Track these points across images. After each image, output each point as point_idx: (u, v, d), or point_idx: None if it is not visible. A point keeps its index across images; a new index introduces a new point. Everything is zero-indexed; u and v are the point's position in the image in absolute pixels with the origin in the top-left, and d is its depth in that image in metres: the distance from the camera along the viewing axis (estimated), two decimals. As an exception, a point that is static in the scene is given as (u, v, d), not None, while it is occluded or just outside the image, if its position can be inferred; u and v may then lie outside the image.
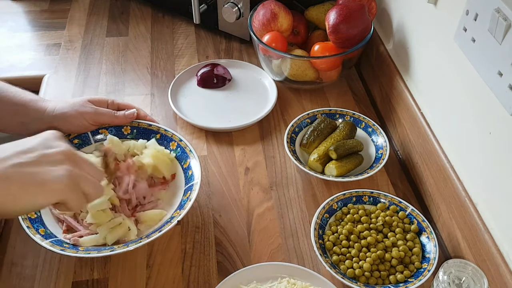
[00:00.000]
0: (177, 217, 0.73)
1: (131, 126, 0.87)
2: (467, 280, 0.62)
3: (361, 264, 0.73)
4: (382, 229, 0.78)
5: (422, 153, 0.85)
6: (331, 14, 0.94)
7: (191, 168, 0.81)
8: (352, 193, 0.82)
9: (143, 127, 0.87)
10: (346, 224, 0.78)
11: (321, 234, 0.77)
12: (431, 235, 0.76)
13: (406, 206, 0.80)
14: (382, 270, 0.73)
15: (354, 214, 0.80)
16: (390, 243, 0.75)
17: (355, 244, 0.76)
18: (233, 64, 1.11)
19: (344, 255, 0.75)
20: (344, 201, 0.81)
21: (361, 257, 0.74)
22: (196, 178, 0.79)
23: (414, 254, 0.75)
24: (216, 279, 0.74)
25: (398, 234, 0.77)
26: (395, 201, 0.81)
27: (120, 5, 1.31)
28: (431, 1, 0.81)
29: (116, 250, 0.69)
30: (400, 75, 0.95)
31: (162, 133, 0.86)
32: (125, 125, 0.87)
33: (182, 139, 0.85)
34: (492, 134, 0.67)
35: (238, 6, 1.08)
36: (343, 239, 0.76)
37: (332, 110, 0.96)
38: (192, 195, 0.76)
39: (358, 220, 0.79)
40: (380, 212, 0.80)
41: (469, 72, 0.70)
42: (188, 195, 0.77)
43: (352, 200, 0.82)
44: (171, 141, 0.85)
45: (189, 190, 0.78)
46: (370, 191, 0.82)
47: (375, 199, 0.82)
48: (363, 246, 0.75)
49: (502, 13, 0.59)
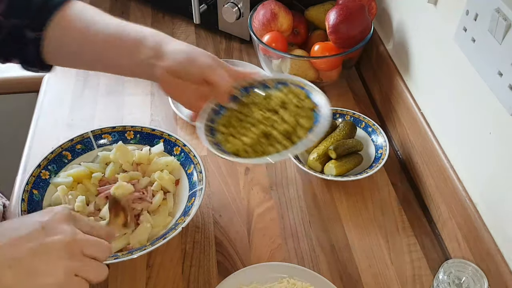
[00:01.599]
0: (182, 223, 0.73)
1: (134, 131, 0.86)
2: (467, 280, 0.62)
3: (243, 140, 0.68)
4: (277, 108, 0.71)
5: (422, 153, 0.85)
6: (331, 14, 0.94)
7: (195, 174, 0.81)
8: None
9: (146, 132, 0.86)
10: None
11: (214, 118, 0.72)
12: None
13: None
14: (264, 145, 0.68)
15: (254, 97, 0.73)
16: (279, 118, 0.69)
17: (240, 122, 0.70)
18: (233, 64, 1.10)
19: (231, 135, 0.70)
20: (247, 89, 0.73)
21: (243, 133, 0.69)
22: (201, 184, 0.78)
23: (300, 126, 0.68)
24: (216, 279, 0.74)
25: (291, 110, 0.70)
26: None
27: (120, 5, 1.31)
28: (431, 1, 0.81)
29: (120, 258, 0.69)
30: (400, 75, 0.95)
31: (165, 138, 0.85)
32: (128, 131, 0.86)
33: (186, 144, 0.84)
34: (492, 134, 0.67)
35: (238, 6, 1.08)
36: (234, 119, 0.71)
37: (332, 110, 0.96)
38: (197, 201, 0.76)
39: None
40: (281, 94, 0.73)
41: (469, 72, 0.70)
42: (193, 201, 0.77)
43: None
44: (174, 146, 0.85)
45: (193, 196, 0.78)
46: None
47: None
48: (250, 123, 0.70)
49: (502, 13, 0.59)
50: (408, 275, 0.76)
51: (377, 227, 0.82)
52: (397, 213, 0.84)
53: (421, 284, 0.74)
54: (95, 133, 0.85)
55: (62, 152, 0.82)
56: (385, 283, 0.75)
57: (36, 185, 0.78)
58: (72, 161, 0.83)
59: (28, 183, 0.77)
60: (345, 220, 0.83)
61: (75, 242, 0.53)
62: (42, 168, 0.79)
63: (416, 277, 0.75)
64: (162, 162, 0.82)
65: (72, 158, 0.83)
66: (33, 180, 0.78)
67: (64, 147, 0.82)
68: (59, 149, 0.82)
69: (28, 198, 0.75)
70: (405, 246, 0.79)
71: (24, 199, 0.75)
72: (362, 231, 0.81)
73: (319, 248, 0.79)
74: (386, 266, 0.77)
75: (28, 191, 0.76)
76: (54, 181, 0.79)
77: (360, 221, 0.83)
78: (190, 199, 0.78)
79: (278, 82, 0.75)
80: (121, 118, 1.00)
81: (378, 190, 0.88)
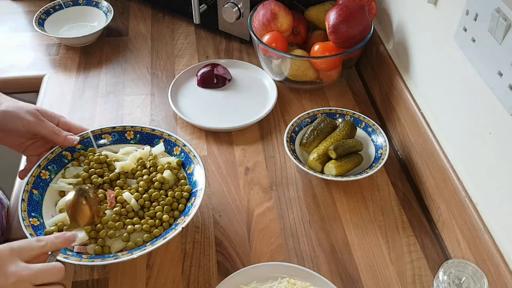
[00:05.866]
0: (182, 223, 0.73)
1: (134, 131, 0.86)
2: (467, 280, 0.62)
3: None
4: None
5: (422, 153, 0.85)
6: (331, 14, 0.94)
7: (195, 174, 0.81)
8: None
9: (146, 132, 0.86)
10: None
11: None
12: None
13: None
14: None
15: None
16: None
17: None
18: (233, 64, 1.11)
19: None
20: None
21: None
22: (201, 184, 0.78)
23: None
24: (216, 279, 0.74)
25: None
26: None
27: (120, 5, 1.31)
28: (431, 1, 0.81)
29: (120, 258, 0.69)
30: (400, 75, 0.95)
31: (165, 138, 0.85)
32: (128, 131, 0.86)
33: (186, 144, 0.84)
34: (492, 134, 0.67)
35: (238, 6, 1.08)
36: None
37: (332, 110, 0.96)
38: (197, 201, 0.76)
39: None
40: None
41: (469, 72, 0.70)
42: (193, 201, 0.77)
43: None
44: (174, 146, 0.85)
45: (193, 196, 0.78)
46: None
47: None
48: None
49: (502, 13, 0.59)
50: (408, 275, 0.76)
51: (377, 227, 0.82)
52: (397, 213, 0.84)
53: (421, 284, 0.74)
54: (95, 133, 0.85)
55: (62, 152, 0.82)
56: (385, 283, 0.75)
57: (36, 185, 0.78)
58: (72, 161, 0.83)
59: (28, 183, 0.77)
60: (345, 220, 0.83)
61: (20, 281, 0.55)
62: (42, 168, 0.79)
63: (416, 277, 0.75)
64: (164, 162, 0.82)
65: (72, 158, 0.83)
66: (33, 180, 0.78)
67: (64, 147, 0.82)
68: (58, 149, 0.82)
69: (28, 198, 0.75)
70: (405, 246, 0.79)
71: (24, 199, 0.75)
72: (362, 231, 0.81)
73: (319, 248, 0.79)
74: (386, 266, 0.77)
75: (28, 191, 0.76)
76: (53, 186, 0.79)
77: (360, 221, 0.83)
78: (190, 199, 0.78)
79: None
80: (121, 118, 1.00)
81: (378, 190, 0.88)
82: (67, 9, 1.22)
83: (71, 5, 1.22)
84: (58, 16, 1.20)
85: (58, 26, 1.19)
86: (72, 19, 1.22)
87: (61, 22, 1.20)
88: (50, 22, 1.19)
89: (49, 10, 1.19)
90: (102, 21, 1.20)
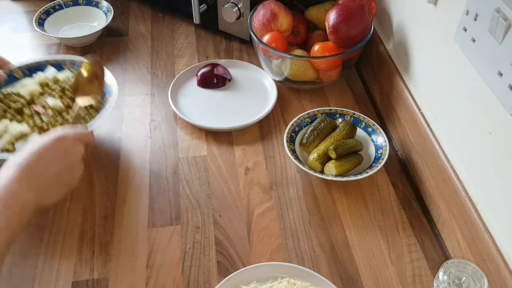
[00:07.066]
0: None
1: (22, 70, 0.95)
2: (467, 280, 0.62)
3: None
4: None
5: (422, 153, 0.85)
6: (331, 14, 0.94)
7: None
8: None
9: (32, 67, 0.95)
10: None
11: None
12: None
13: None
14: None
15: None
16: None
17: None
18: (233, 64, 1.11)
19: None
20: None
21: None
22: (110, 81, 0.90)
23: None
24: (216, 279, 0.74)
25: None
26: None
27: (120, 5, 1.31)
28: (431, 1, 0.81)
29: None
30: (400, 75, 0.95)
31: (52, 64, 0.96)
32: (16, 71, 0.95)
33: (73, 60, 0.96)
34: (492, 134, 0.67)
35: (238, 6, 1.08)
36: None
37: (332, 110, 0.96)
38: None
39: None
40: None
41: (469, 72, 0.70)
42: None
43: None
44: (63, 69, 0.96)
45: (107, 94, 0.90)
46: None
47: None
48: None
49: (502, 13, 0.60)
50: (408, 275, 0.76)
51: (377, 227, 0.82)
52: (397, 213, 0.84)
53: (421, 284, 0.74)
54: None
55: None
56: (385, 283, 0.75)
57: None
58: None
59: None
60: (345, 220, 0.83)
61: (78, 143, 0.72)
62: None
63: (416, 277, 0.75)
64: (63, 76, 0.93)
65: None
66: None
67: None
68: None
69: None
70: (405, 246, 0.79)
71: None
72: (362, 231, 0.81)
73: (319, 248, 0.79)
74: (386, 266, 0.77)
75: None
76: None
77: (360, 221, 0.83)
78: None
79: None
80: (121, 118, 1.00)
81: (378, 190, 0.88)
82: (67, 9, 1.22)
83: (71, 5, 1.22)
84: (58, 16, 1.21)
85: (58, 26, 1.20)
86: (72, 19, 1.22)
87: (61, 22, 1.20)
88: (50, 22, 1.19)
89: (49, 10, 1.20)
90: (102, 21, 1.20)
